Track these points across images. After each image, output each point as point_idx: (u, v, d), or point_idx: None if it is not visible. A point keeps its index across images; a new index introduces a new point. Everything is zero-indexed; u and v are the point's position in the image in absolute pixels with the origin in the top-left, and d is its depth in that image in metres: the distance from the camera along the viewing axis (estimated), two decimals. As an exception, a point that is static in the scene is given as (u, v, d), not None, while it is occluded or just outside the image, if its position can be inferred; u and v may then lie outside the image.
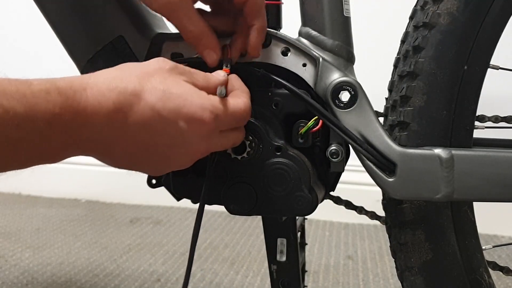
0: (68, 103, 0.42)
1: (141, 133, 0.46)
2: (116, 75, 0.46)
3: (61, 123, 0.42)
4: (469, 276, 0.60)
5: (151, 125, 0.46)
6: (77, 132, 0.43)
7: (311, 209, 0.57)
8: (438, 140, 0.57)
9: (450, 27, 0.56)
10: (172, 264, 1.26)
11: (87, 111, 0.43)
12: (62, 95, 0.42)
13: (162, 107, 0.46)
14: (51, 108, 0.41)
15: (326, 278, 1.19)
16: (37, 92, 0.41)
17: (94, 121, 0.44)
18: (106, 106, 0.44)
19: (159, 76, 0.47)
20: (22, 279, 1.17)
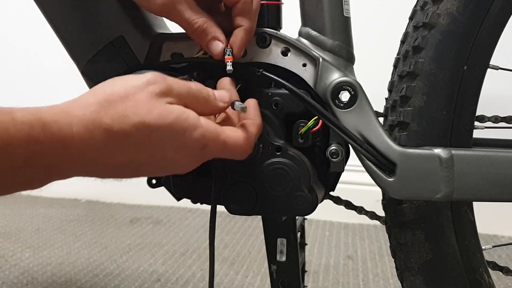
0: (52, 140, 0.41)
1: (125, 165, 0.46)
2: (102, 105, 0.44)
3: (43, 159, 0.41)
4: (469, 276, 0.60)
5: (135, 159, 0.45)
6: (60, 165, 0.42)
7: (311, 209, 0.57)
8: (438, 140, 0.57)
9: (450, 28, 0.56)
10: (172, 264, 1.26)
11: (73, 152, 0.42)
12: (46, 130, 0.41)
13: (148, 144, 0.45)
14: (33, 144, 0.40)
15: (326, 278, 1.19)
16: (19, 124, 0.39)
17: (78, 158, 0.43)
18: (93, 146, 0.43)
19: (147, 105, 0.45)
20: (22, 279, 1.17)
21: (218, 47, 0.55)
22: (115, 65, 0.58)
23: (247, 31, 0.55)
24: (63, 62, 0.72)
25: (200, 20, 0.54)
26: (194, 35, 0.55)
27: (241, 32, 0.55)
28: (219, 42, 0.55)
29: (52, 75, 1.75)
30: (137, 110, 0.44)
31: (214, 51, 0.55)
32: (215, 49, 0.55)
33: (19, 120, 0.39)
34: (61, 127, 0.41)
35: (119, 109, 0.44)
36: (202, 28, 0.54)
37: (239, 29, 0.55)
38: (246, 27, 0.55)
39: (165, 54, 0.60)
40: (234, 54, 0.55)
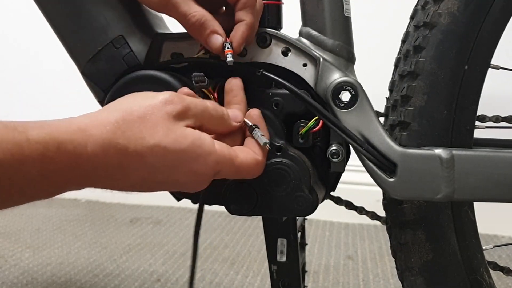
0: (67, 159, 0.41)
1: (138, 183, 0.46)
2: (119, 125, 0.44)
3: (56, 175, 0.41)
4: (470, 276, 0.60)
5: (148, 179, 0.45)
6: (73, 181, 0.42)
7: (311, 209, 0.57)
8: (438, 140, 0.57)
9: (451, 27, 0.56)
10: (172, 264, 1.26)
11: (87, 169, 0.42)
12: (61, 150, 0.41)
13: (161, 166, 0.45)
14: (47, 163, 0.40)
15: (326, 278, 1.19)
16: (34, 144, 0.39)
17: (92, 176, 0.43)
18: (107, 164, 0.43)
19: (164, 128, 0.45)
20: (22, 279, 1.17)
21: (218, 41, 0.54)
22: (115, 65, 0.58)
23: (248, 26, 0.55)
24: (63, 62, 0.72)
25: (198, 13, 0.53)
26: (192, 29, 0.54)
27: (243, 26, 0.55)
28: (218, 35, 0.54)
29: (52, 75, 1.75)
30: (153, 132, 0.44)
31: (213, 45, 0.54)
32: (214, 43, 0.54)
33: (34, 140, 0.39)
34: (76, 146, 0.41)
35: (136, 130, 0.44)
36: (201, 22, 0.53)
37: (241, 23, 0.55)
38: (248, 22, 0.55)
39: (165, 54, 0.60)
40: (234, 48, 0.54)
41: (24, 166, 0.38)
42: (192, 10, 0.53)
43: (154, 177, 0.45)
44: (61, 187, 0.43)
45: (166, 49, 0.60)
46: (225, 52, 0.54)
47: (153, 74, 0.57)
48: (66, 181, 0.42)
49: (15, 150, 0.38)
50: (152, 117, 0.45)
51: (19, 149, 0.38)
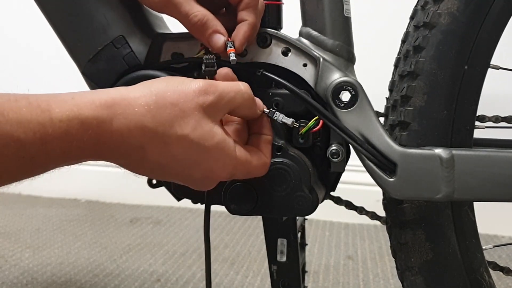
0: (89, 135, 0.41)
1: (154, 169, 0.46)
2: (150, 108, 0.44)
3: (79, 151, 0.41)
4: (470, 276, 0.60)
5: (166, 167, 0.46)
6: (92, 155, 0.43)
7: (311, 209, 0.57)
8: (438, 140, 0.57)
9: (451, 27, 0.56)
10: (172, 264, 1.26)
11: (108, 145, 0.42)
12: (85, 126, 0.41)
13: (182, 158, 0.45)
14: (70, 141, 0.40)
15: (326, 278, 1.19)
16: (57, 123, 0.39)
17: (112, 152, 0.43)
18: (129, 144, 0.43)
19: (194, 120, 0.45)
20: (22, 279, 1.17)
21: (220, 40, 0.54)
22: (115, 65, 0.58)
23: (251, 25, 0.55)
24: (63, 62, 0.72)
25: (199, 13, 0.53)
26: (193, 29, 0.54)
27: (245, 26, 0.55)
28: (220, 35, 0.54)
29: (53, 74, 1.75)
30: (183, 122, 0.44)
31: (215, 45, 0.54)
32: (216, 42, 0.54)
33: (57, 119, 0.39)
34: (101, 123, 0.41)
35: (166, 116, 0.44)
36: (202, 22, 0.53)
37: (243, 23, 0.55)
38: (250, 22, 0.55)
39: (165, 54, 0.60)
40: (236, 48, 0.54)
41: (47, 145, 0.39)
42: (194, 9, 0.53)
43: (172, 166, 0.46)
44: (81, 159, 0.43)
45: (167, 49, 0.60)
46: (228, 51, 0.54)
47: (154, 74, 0.57)
48: (87, 155, 0.42)
49: (38, 129, 0.38)
50: (184, 106, 0.45)
51: (42, 128, 0.38)
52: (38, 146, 0.38)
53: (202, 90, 0.46)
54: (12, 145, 0.37)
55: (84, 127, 0.40)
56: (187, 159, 0.45)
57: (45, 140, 0.39)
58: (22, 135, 0.37)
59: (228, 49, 0.54)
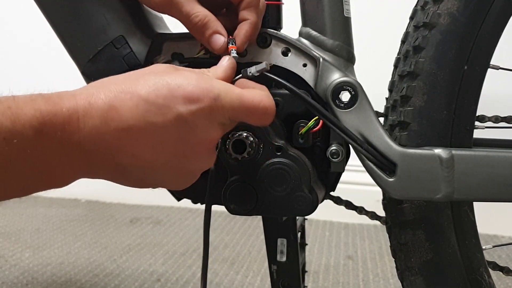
0: (56, 108, 0.39)
1: (142, 133, 0.42)
2: (105, 80, 0.44)
3: (52, 131, 0.38)
4: (469, 276, 0.60)
5: (150, 120, 0.42)
6: (72, 139, 0.40)
7: (311, 209, 0.57)
8: (438, 140, 0.57)
9: (451, 27, 0.56)
10: (172, 264, 1.26)
11: (78, 113, 0.40)
12: (49, 101, 0.39)
13: (155, 96, 0.42)
14: (39, 116, 0.38)
15: (326, 278, 1.19)
16: (22, 102, 0.38)
17: (88, 124, 0.40)
18: (97, 106, 0.40)
19: (153, 73, 0.44)
20: (22, 279, 1.17)
21: (220, 41, 0.54)
22: (115, 65, 0.58)
23: (252, 25, 0.55)
24: (64, 62, 0.72)
25: (200, 14, 0.53)
26: (194, 30, 0.54)
27: (246, 25, 0.55)
28: (221, 35, 0.54)
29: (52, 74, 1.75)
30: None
31: (215, 46, 0.54)
32: (217, 43, 0.54)
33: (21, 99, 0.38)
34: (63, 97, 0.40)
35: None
36: (203, 22, 0.53)
37: (245, 22, 0.55)
38: (251, 21, 0.55)
39: (165, 54, 0.60)
40: (238, 46, 0.54)
41: (17, 123, 0.37)
42: (195, 10, 0.53)
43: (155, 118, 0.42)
44: (63, 161, 0.41)
45: (167, 49, 0.60)
46: (229, 48, 0.54)
47: (153, 74, 0.57)
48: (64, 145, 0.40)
49: (3, 109, 0.37)
50: (143, 72, 0.45)
51: (6, 108, 0.37)
52: (8, 125, 0.36)
53: (155, 65, 0.47)
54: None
55: (49, 103, 0.39)
56: (161, 97, 0.42)
57: (13, 118, 0.37)
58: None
59: (229, 46, 0.54)
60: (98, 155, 0.42)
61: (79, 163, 0.42)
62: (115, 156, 0.42)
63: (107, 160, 0.42)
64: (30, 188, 0.40)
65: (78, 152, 0.41)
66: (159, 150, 0.43)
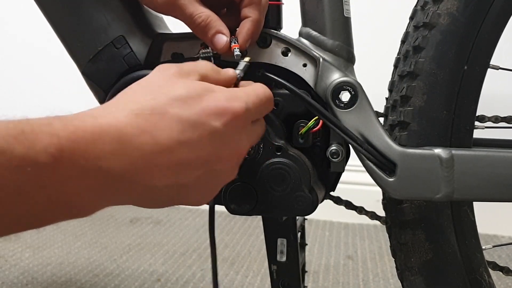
0: (77, 134, 0.36)
1: (178, 153, 0.40)
2: (126, 100, 0.41)
3: (72, 159, 0.35)
4: (469, 276, 0.60)
5: (185, 139, 0.40)
6: (96, 167, 0.36)
7: (311, 209, 0.57)
8: (438, 140, 0.57)
9: (450, 27, 0.56)
10: (172, 264, 1.26)
11: (104, 140, 0.37)
12: (68, 125, 0.36)
13: (189, 114, 0.41)
14: (56, 142, 0.34)
15: (326, 278, 1.19)
16: (37, 126, 0.34)
17: (117, 151, 0.37)
18: (126, 131, 0.38)
19: (169, 84, 0.43)
20: (22, 279, 1.17)
21: (222, 40, 0.54)
22: (115, 65, 0.58)
23: (254, 22, 0.55)
24: (64, 62, 0.72)
25: (203, 14, 0.53)
26: (197, 30, 0.54)
27: (248, 23, 0.54)
28: (223, 35, 0.54)
29: (53, 74, 1.75)
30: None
31: (218, 45, 0.54)
32: (219, 42, 0.54)
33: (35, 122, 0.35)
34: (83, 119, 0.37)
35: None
36: (206, 23, 0.53)
37: (247, 20, 0.55)
38: (254, 19, 0.54)
39: (165, 54, 0.60)
40: (240, 44, 0.54)
41: (32, 150, 0.34)
42: (198, 11, 0.53)
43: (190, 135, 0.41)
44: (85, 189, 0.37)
45: (167, 49, 0.60)
46: (232, 47, 0.54)
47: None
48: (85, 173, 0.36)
49: (16, 133, 0.33)
50: (155, 81, 0.44)
51: (20, 133, 0.34)
52: (22, 152, 0.33)
53: (160, 68, 0.45)
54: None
55: (67, 127, 0.36)
56: (194, 114, 0.41)
57: (28, 144, 0.34)
58: (1, 141, 0.33)
59: (232, 45, 0.54)
60: (128, 181, 0.39)
61: (103, 192, 0.38)
62: (148, 180, 0.40)
63: (137, 184, 0.40)
64: (47, 219, 0.37)
65: (103, 180, 0.37)
66: (193, 166, 0.42)
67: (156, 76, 0.44)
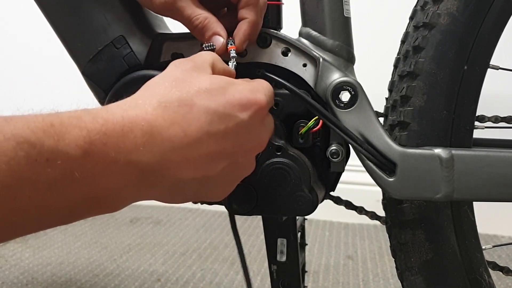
0: (107, 126, 0.36)
1: (206, 144, 0.41)
2: (152, 93, 0.41)
3: (103, 152, 0.35)
4: (469, 276, 0.60)
5: (213, 130, 0.41)
6: (127, 160, 0.37)
7: (311, 209, 0.57)
8: (438, 140, 0.57)
9: (450, 27, 0.56)
10: (172, 264, 1.26)
11: (135, 132, 0.37)
12: (97, 118, 0.36)
13: (216, 105, 0.41)
14: (85, 134, 0.34)
15: (326, 278, 1.19)
16: (66, 119, 0.34)
17: (148, 143, 0.37)
18: (156, 124, 0.38)
19: (191, 77, 0.43)
20: (22, 279, 1.17)
21: (219, 42, 0.54)
22: (115, 65, 0.58)
23: (251, 23, 0.55)
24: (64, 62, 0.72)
25: (201, 16, 0.54)
26: (195, 31, 0.55)
27: (245, 24, 0.55)
28: (220, 37, 0.54)
29: (53, 74, 1.75)
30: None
31: (215, 47, 0.54)
32: (216, 44, 0.54)
33: (65, 115, 0.35)
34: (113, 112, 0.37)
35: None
36: (203, 24, 0.54)
37: (243, 21, 0.55)
38: (250, 20, 0.55)
39: (165, 54, 0.60)
40: (236, 45, 0.54)
41: (62, 143, 0.33)
42: (196, 13, 0.54)
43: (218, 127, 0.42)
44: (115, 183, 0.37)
45: (167, 49, 0.60)
46: (228, 48, 0.54)
47: (154, 74, 0.57)
48: (115, 166, 0.36)
49: (45, 127, 0.33)
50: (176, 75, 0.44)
51: (49, 126, 0.33)
52: (51, 145, 0.33)
53: (175, 63, 0.46)
54: (22, 147, 0.32)
55: (98, 120, 0.36)
56: (222, 105, 0.42)
57: (57, 137, 0.33)
58: (30, 135, 0.32)
59: (228, 47, 0.54)
60: (157, 174, 0.39)
61: (133, 185, 0.39)
62: (177, 173, 0.40)
63: (165, 178, 0.40)
64: (78, 214, 0.37)
65: (133, 173, 0.38)
66: (220, 158, 0.43)
67: (174, 71, 0.44)
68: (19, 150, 0.32)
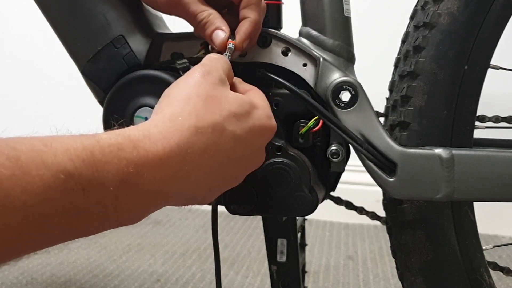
0: (148, 158, 0.36)
1: (223, 168, 0.44)
2: (190, 112, 0.42)
3: (139, 183, 0.36)
4: (470, 276, 0.60)
5: (234, 156, 0.44)
6: (159, 188, 0.38)
7: (311, 209, 0.57)
8: (438, 140, 0.57)
9: (451, 27, 0.56)
10: (172, 264, 1.26)
11: (171, 162, 0.38)
12: (139, 148, 0.36)
13: (241, 132, 0.45)
14: (124, 166, 0.35)
15: (326, 279, 1.19)
16: (106, 147, 0.35)
17: (183, 172, 0.39)
18: (192, 152, 0.40)
19: (220, 95, 0.45)
20: (21, 279, 1.17)
21: (220, 36, 0.54)
22: (115, 65, 0.58)
23: (252, 22, 0.55)
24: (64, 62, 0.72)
25: (205, 12, 0.54)
26: (198, 27, 0.55)
27: (247, 23, 0.55)
28: (222, 31, 0.54)
29: (53, 74, 1.75)
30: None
31: (216, 41, 0.54)
32: (217, 38, 0.54)
33: (105, 142, 0.35)
34: (155, 142, 0.38)
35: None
36: (207, 20, 0.54)
37: (245, 20, 0.55)
38: (252, 19, 0.55)
39: (165, 53, 0.60)
40: (236, 43, 0.54)
41: (98, 172, 0.34)
42: (200, 9, 0.54)
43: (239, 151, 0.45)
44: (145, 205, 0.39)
45: (166, 49, 0.60)
46: (228, 42, 0.54)
47: (154, 74, 0.57)
48: (149, 194, 0.38)
49: (85, 156, 0.33)
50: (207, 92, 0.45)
51: (90, 155, 0.34)
52: (89, 175, 0.33)
53: (198, 73, 0.46)
54: (60, 177, 0.32)
55: (138, 151, 0.36)
56: (244, 132, 0.45)
57: (96, 168, 0.33)
58: (69, 163, 0.32)
59: (229, 41, 0.54)
60: (181, 198, 0.43)
61: (155, 208, 0.41)
62: (199, 199, 0.45)
63: (186, 201, 0.44)
64: (98, 230, 0.37)
65: (160, 200, 0.40)
66: (229, 180, 0.48)
67: (205, 85, 0.45)
68: (57, 179, 0.32)
